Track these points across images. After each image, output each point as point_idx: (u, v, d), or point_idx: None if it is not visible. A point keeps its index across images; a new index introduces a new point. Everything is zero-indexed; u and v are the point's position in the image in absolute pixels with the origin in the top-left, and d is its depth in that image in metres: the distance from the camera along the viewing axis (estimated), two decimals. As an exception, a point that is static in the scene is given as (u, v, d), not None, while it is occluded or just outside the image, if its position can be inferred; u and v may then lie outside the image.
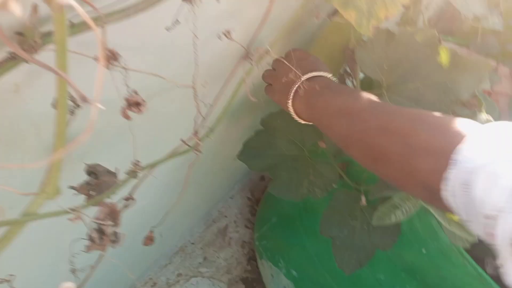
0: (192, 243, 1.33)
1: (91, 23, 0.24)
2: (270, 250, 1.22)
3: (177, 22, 0.41)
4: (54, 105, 0.39)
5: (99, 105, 0.26)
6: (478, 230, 0.35)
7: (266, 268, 1.23)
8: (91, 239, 0.38)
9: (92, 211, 0.41)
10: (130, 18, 0.37)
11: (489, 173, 0.34)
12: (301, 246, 1.08)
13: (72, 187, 0.43)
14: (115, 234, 0.38)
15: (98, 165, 0.41)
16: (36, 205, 0.36)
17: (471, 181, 0.35)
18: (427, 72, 0.55)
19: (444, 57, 0.54)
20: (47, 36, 0.32)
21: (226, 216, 1.38)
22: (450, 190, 0.37)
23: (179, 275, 1.28)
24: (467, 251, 0.68)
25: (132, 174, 0.44)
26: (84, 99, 0.27)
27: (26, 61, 0.32)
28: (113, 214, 0.38)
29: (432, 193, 0.39)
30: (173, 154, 0.50)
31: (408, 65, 0.56)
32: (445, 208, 0.39)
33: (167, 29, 0.41)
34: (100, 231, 0.37)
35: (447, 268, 0.73)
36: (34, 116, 0.40)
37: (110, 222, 0.37)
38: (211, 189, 1.25)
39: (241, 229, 1.39)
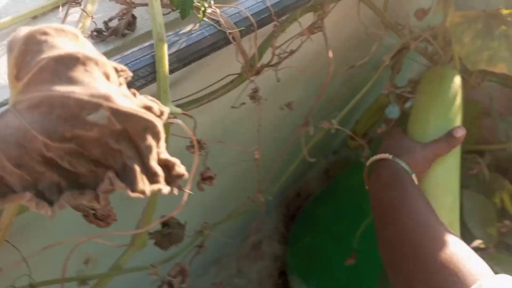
0: (228, 255, 1.41)
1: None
2: (301, 267, 1.27)
3: (242, 103, 0.48)
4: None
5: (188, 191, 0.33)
6: None
7: (296, 284, 1.29)
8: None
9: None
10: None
11: None
12: (331, 270, 1.14)
13: (150, 234, 0.50)
14: (182, 289, 0.45)
15: (172, 217, 0.48)
16: (127, 257, 0.44)
17: None
18: None
19: None
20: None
21: (261, 231, 1.46)
22: None
23: (214, 284, 1.37)
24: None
25: (200, 233, 0.51)
26: (180, 188, 0.34)
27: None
28: (183, 272, 0.45)
29: None
30: (235, 213, 0.58)
31: None
32: None
33: (233, 107, 0.49)
34: (170, 285, 0.44)
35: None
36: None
37: (180, 278, 0.44)
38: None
39: (275, 244, 1.46)
